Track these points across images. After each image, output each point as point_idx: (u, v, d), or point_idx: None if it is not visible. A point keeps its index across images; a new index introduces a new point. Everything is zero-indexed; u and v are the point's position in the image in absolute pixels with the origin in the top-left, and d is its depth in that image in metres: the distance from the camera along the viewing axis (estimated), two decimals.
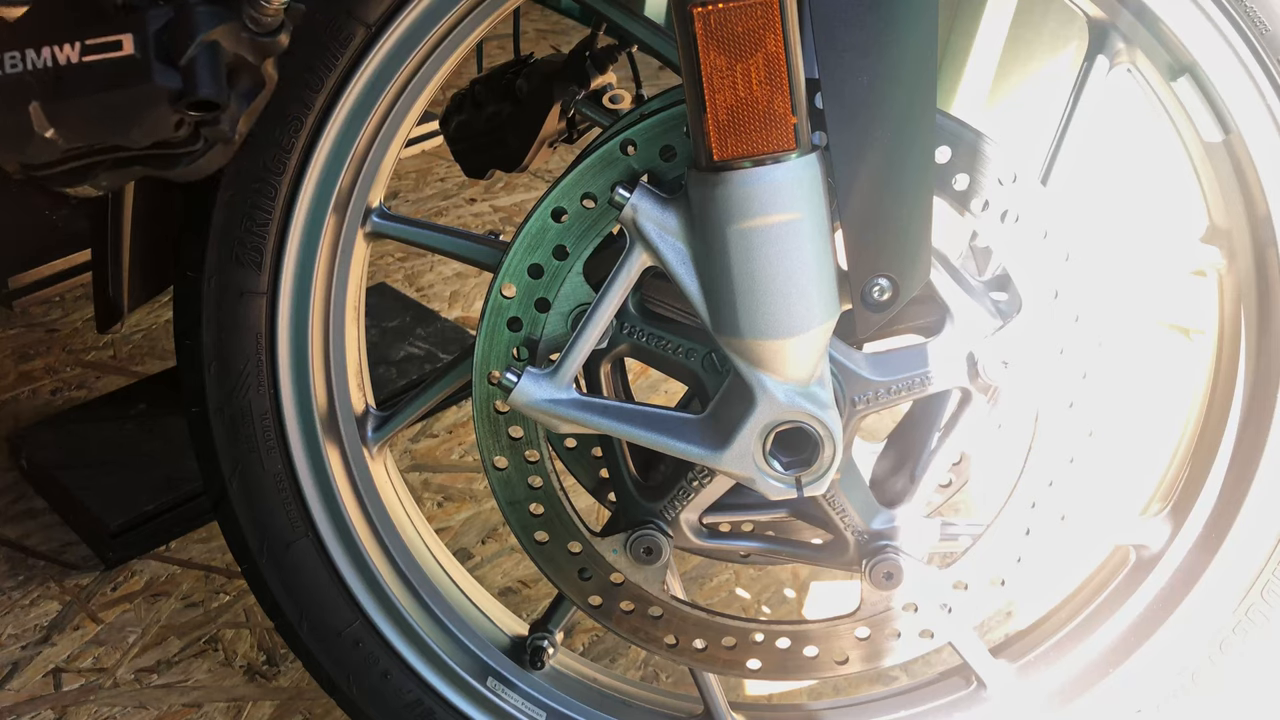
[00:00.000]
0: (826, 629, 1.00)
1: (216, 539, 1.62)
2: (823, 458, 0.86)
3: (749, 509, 1.02)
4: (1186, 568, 1.06)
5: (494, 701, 1.14)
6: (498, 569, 1.62)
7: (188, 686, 1.41)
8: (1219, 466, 1.04)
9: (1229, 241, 0.98)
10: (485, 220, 2.54)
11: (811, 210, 0.78)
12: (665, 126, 0.86)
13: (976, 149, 0.86)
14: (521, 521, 0.99)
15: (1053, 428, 0.93)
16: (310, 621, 1.12)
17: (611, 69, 1.48)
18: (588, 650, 1.49)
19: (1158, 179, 2.18)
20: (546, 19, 3.67)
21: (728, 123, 0.76)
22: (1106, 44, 0.94)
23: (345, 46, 0.93)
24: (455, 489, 1.76)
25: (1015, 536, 0.97)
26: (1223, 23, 0.88)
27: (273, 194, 0.98)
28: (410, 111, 0.99)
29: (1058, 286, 0.89)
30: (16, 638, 1.45)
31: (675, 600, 1.01)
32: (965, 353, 0.91)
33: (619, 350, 0.94)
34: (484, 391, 0.94)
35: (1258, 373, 1.00)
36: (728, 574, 1.63)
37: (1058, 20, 2.39)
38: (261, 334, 1.03)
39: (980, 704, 1.11)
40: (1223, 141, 0.93)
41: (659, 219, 0.83)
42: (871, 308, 0.84)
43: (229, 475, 1.08)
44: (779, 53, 0.74)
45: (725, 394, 0.89)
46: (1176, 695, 1.08)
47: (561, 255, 0.90)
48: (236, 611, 1.51)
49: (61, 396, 1.86)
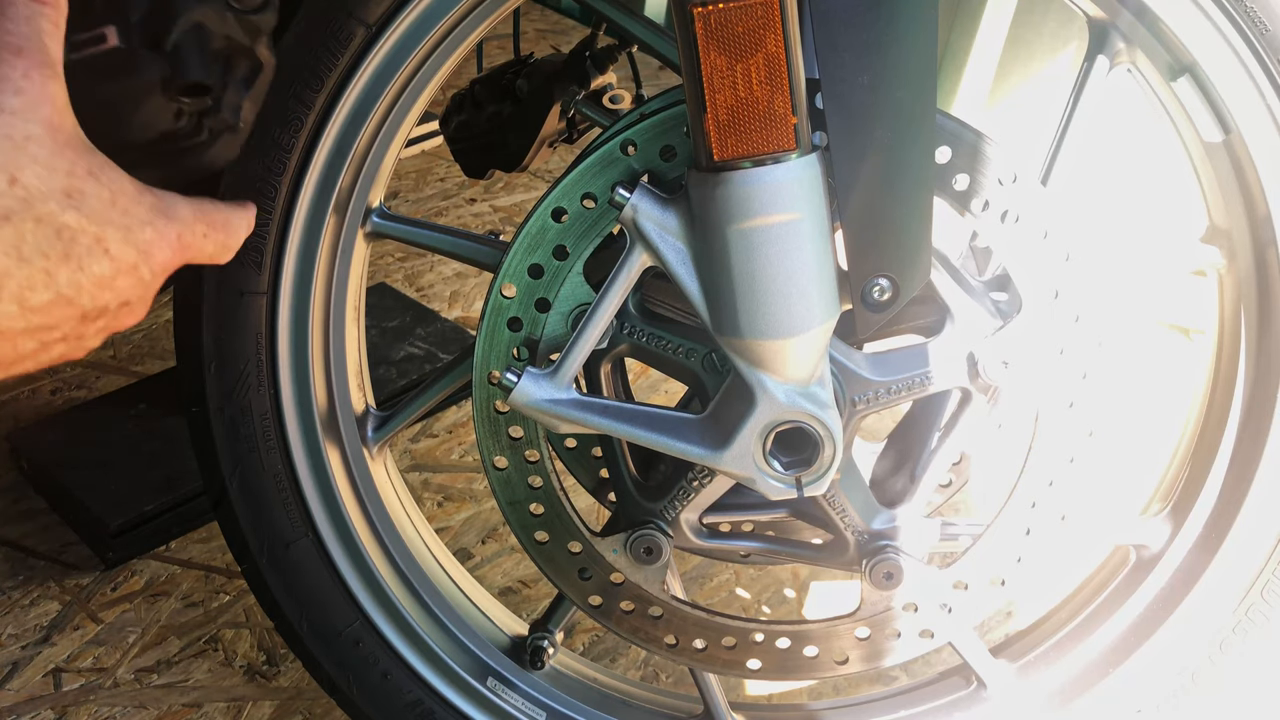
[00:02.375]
0: (826, 629, 1.00)
1: (216, 539, 1.62)
2: (823, 458, 0.86)
3: (749, 509, 1.02)
4: (1187, 568, 1.06)
5: (494, 701, 1.14)
6: (498, 569, 1.62)
7: (188, 686, 1.41)
8: (1219, 466, 1.04)
9: (1229, 241, 0.98)
10: (485, 220, 2.54)
11: (812, 210, 0.78)
12: (665, 126, 0.86)
13: (977, 149, 0.86)
14: (521, 521, 0.99)
15: (1053, 428, 0.93)
16: (310, 621, 1.12)
17: (611, 69, 1.48)
18: (588, 650, 1.49)
19: (1158, 179, 2.18)
20: (546, 19, 3.67)
21: (728, 123, 0.76)
22: (1107, 44, 0.94)
23: (345, 46, 0.93)
24: (455, 489, 1.76)
25: (1015, 536, 0.97)
26: (1223, 23, 0.88)
27: (273, 194, 0.98)
28: (410, 111, 0.99)
29: (1058, 286, 0.89)
30: (16, 638, 1.45)
31: (675, 600, 1.01)
32: (965, 353, 0.91)
33: (619, 350, 0.94)
34: (484, 391, 0.94)
35: (1258, 372, 1.00)
36: (728, 574, 1.63)
37: (1058, 20, 2.39)
38: (261, 334, 1.03)
39: (980, 704, 1.11)
40: (1223, 141, 0.93)
41: (659, 219, 0.83)
42: (871, 308, 0.84)
43: (229, 475, 1.08)
44: (779, 53, 0.74)
45: (725, 394, 0.89)
46: (1177, 695, 1.08)
47: (561, 255, 0.90)
48: (236, 611, 1.51)
49: (61, 396, 1.86)
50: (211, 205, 0.80)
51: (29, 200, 0.64)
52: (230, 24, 0.76)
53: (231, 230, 0.82)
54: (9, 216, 0.64)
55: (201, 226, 0.77)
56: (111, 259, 0.69)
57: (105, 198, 0.69)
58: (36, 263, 0.65)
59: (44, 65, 0.66)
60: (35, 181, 0.64)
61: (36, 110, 0.65)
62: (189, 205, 0.77)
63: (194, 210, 0.77)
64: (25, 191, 0.64)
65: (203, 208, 0.78)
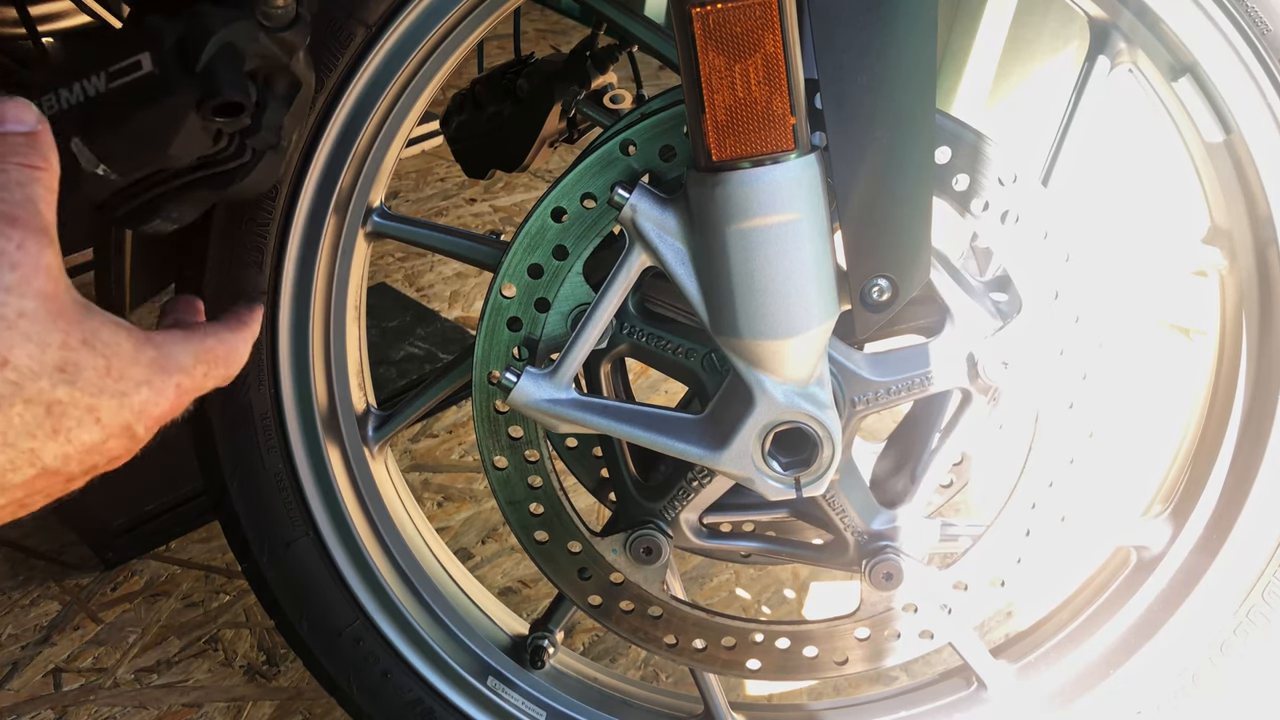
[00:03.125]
0: (826, 629, 1.00)
1: (216, 539, 1.62)
2: (821, 458, 0.86)
3: (749, 509, 1.01)
4: (1187, 569, 1.06)
5: (494, 701, 1.14)
6: (498, 569, 1.62)
7: (188, 686, 1.41)
8: (1220, 468, 1.04)
9: (1230, 242, 0.98)
10: (485, 220, 2.54)
11: (810, 211, 0.78)
12: (665, 126, 0.86)
13: (977, 149, 0.86)
14: (521, 521, 0.99)
15: (1053, 429, 0.93)
16: (310, 621, 1.12)
17: (612, 69, 1.48)
18: (588, 650, 1.49)
19: (1159, 179, 2.18)
20: (546, 19, 3.67)
21: (726, 123, 0.75)
22: (1107, 44, 0.94)
23: (346, 46, 0.93)
24: (455, 489, 1.76)
25: (1015, 537, 0.97)
26: (1224, 23, 0.88)
27: (273, 194, 0.98)
28: (411, 111, 0.99)
29: (1058, 287, 0.89)
30: (16, 638, 1.45)
31: (675, 600, 1.01)
32: (965, 353, 0.91)
33: (619, 350, 0.94)
34: (484, 391, 0.94)
35: (1259, 373, 1.00)
36: (728, 574, 1.63)
37: (1058, 20, 2.39)
38: (262, 334, 1.03)
39: (980, 705, 1.11)
40: (1224, 141, 0.93)
41: (658, 219, 0.83)
42: (871, 308, 0.84)
43: (229, 475, 1.08)
44: (777, 53, 0.74)
45: (724, 394, 0.89)
46: (1177, 697, 1.07)
47: (561, 255, 0.90)
48: (236, 611, 1.51)
49: None
50: (214, 340, 0.78)
51: (20, 383, 0.63)
52: (263, 42, 0.77)
53: (233, 361, 0.80)
54: None
55: (202, 368, 0.76)
56: (103, 426, 0.68)
57: (100, 366, 0.67)
58: (22, 444, 0.64)
59: (39, 232, 0.64)
60: (27, 361, 0.63)
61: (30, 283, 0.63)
62: (189, 349, 0.75)
63: (194, 353, 0.75)
64: (17, 374, 0.63)
65: (204, 347, 0.76)
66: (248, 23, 0.76)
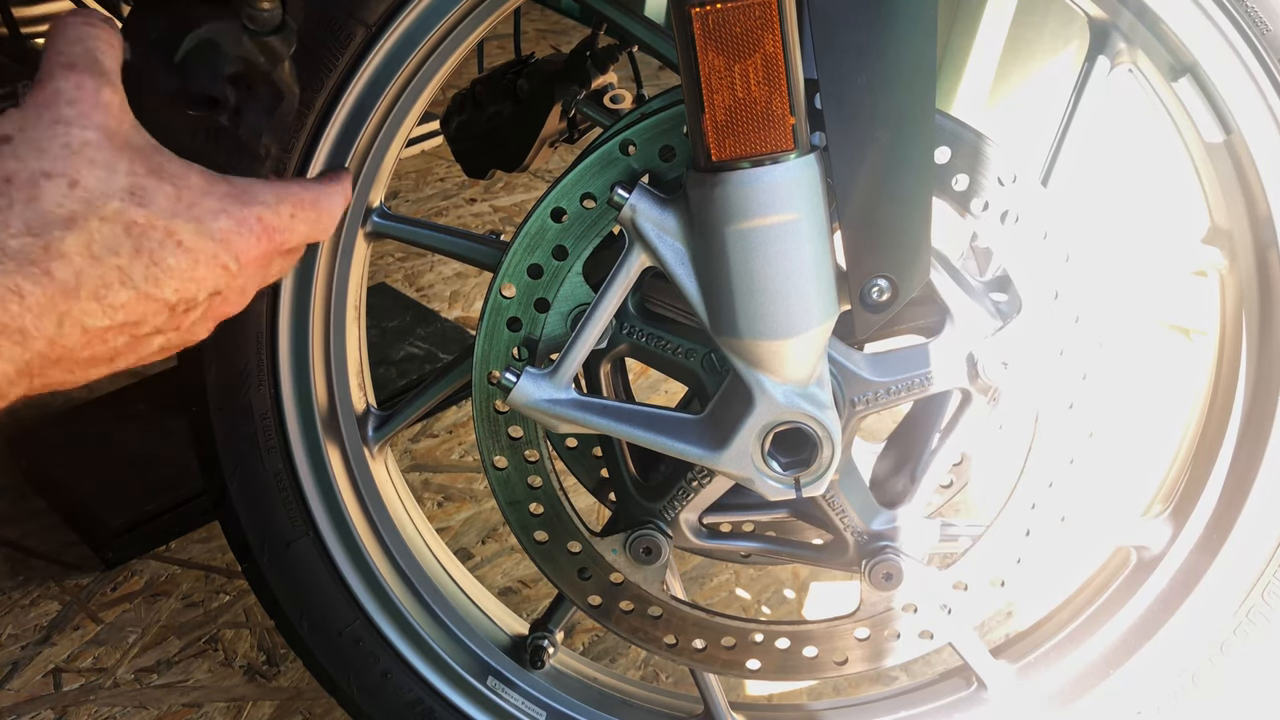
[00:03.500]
0: (826, 629, 1.00)
1: (216, 539, 1.62)
2: (821, 458, 0.86)
3: (749, 509, 1.01)
4: (1187, 569, 1.06)
5: (494, 701, 1.14)
6: (498, 569, 1.62)
7: (188, 686, 1.41)
8: (1220, 468, 1.04)
9: (1230, 242, 0.98)
10: (485, 220, 2.54)
11: (810, 211, 0.78)
12: (665, 127, 0.86)
13: (977, 149, 0.86)
14: (521, 521, 0.99)
15: (1053, 429, 0.93)
16: (310, 621, 1.12)
17: (612, 69, 1.48)
18: (588, 650, 1.49)
19: (1159, 180, 2.18)
20: (546, 19, 3.67)
21: (726, 123, 0.75)
22: (1107, 44, 0.94)
23: (345, 46, 0.93)
24: (455, 489, 1.76)
25: (1015, 537, 0.97)
26: (1224, 23, 0.88)
27: None
28: (411, 111, 0.99)
29: (1058, 287, 0.89)
30: (16, 638, 1.45)
31: (675, 600, 1.01)
32: (965, 353, 0.91)
33: (619, 350, 0.94)
34: (484, 391, 0.94)
35: (1259, 374, 1.00)
36: (728, 574, 1.63)
37: (1058, 20, 2.39)
38: (262, 334, 1.03)
39: (980, 705, 1.11)
40: (1224, 142, 0.93)
41: (658, 219, 0.83)
42: (870, 308, 0.84)
43: (229, 475, 1.08)
44: (777, 53, 0.74)
45: (724, 394, 0.89)
46: (1177, 697, 1.08)
47: (561, 255, 0.90)
48: (236, 611, 1.52)
49: (61, 396, 1.86)
50: (298, 185, 0.80)
51: (91, 201, 0.66)
52: (246, 45, 0.78)
53: (323, 208, 0.82)
54: (74, 219, 0.66)
55: (287, 208, 0.78)
56: (186, 250, 0.71)
57: (170, 192, 0.70)
58: (108, 260, 0.67)
59: (98, 75, 0.69)
60: (95, 183, 0.67)
61: (90, 117, 0.68)
62: (270, 189, 0.77)
63: (276, 193, 0.78)
64: (87, 193, 0.66)
65: (287, 189, 0.79)
66: (232, 23, 0.77)
